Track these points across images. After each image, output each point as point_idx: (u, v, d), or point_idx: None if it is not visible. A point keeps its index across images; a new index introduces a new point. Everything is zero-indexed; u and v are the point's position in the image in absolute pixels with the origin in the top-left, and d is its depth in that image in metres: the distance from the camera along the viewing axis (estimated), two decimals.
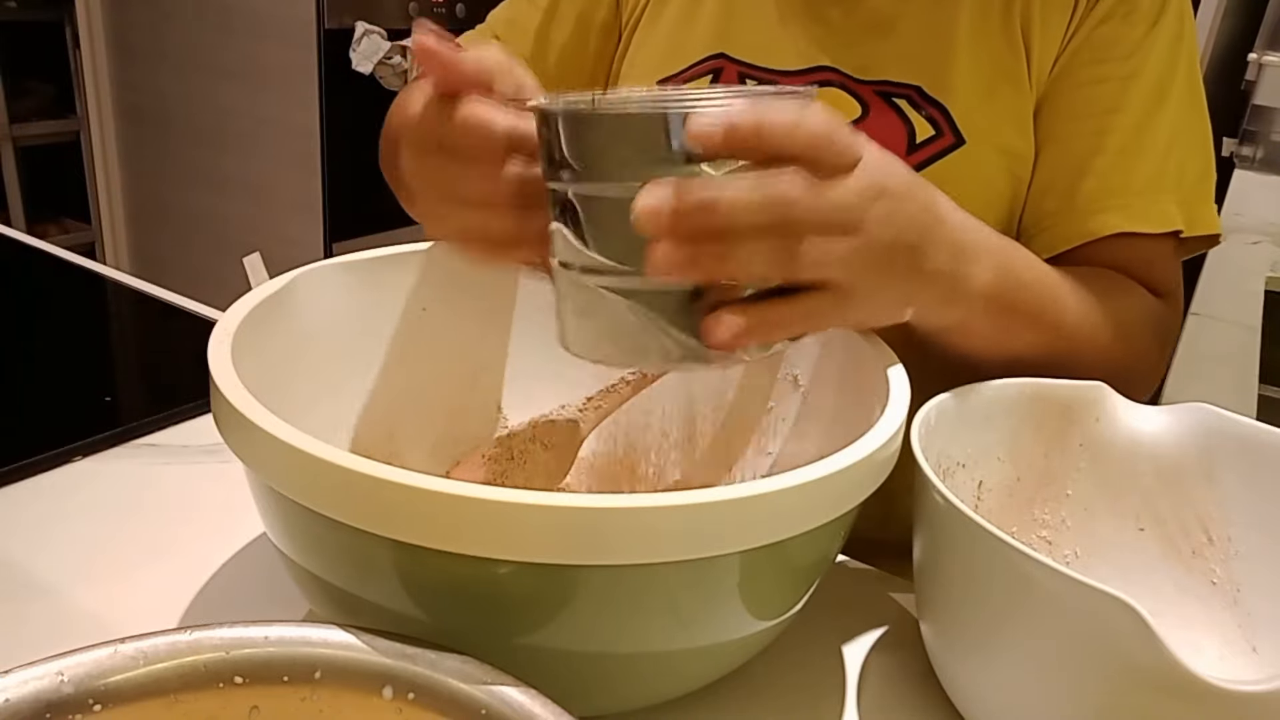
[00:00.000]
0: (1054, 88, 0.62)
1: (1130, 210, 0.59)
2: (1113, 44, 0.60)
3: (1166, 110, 0.60)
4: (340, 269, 0.51)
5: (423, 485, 0.32)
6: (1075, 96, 0.61)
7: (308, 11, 2.08)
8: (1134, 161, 0.60)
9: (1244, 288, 1.60)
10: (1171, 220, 0.59)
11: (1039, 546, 0.51)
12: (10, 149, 2.43)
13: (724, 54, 0.67)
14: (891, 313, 0.44)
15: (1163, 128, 0.60)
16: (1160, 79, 0.60)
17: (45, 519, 0.53)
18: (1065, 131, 0.61)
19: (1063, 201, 0.61)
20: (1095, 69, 0.61)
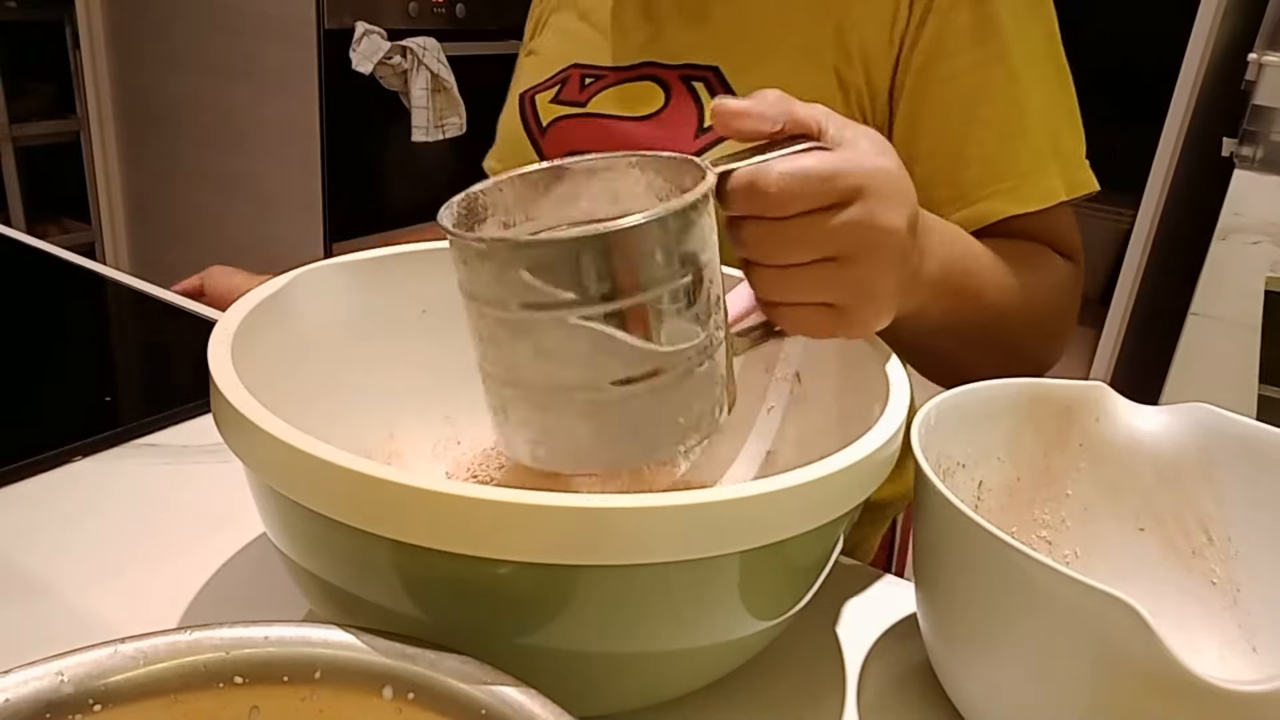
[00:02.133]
0: (918, 83, 0.63)
1: (1016, 193, 0.61)
2: (969, 30, 0.61)
3: (1032, 85, 0.62)
4: (340, 269, 0.51)
5: (423, 485, 0.32)
6: (942, 90, 0.62)
7: (308, 11, 2.08)
8: (1011, 143, 0.62)
9: (1244, 288, 1.60)
10: (1055, 193, 0.62)
11: (1039, 546, 0.51)
12: (10, 149, 2.43)
13: (576, 63, 0.72)
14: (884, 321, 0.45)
15: (1032, 103, 0.62)
16: (1024, 55, 0.62)
17: (45, 519, 0.53)
18: (938, 125, 0.63)
19: (950, 190, 0.62)
20: (956, 58, 0.62)
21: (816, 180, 0.39)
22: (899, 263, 0.42)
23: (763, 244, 0.40)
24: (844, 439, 0.38)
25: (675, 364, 0.38)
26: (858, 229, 0.40)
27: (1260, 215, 1.61)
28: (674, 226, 0.36)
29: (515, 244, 0.36)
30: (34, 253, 0.93)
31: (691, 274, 0.37)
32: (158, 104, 2.48)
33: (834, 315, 0.42)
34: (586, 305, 0.36)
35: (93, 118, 2.55)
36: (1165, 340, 1.72)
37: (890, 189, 0.41)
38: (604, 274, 0.36)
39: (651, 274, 0.36)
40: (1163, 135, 1.79)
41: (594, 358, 0.37)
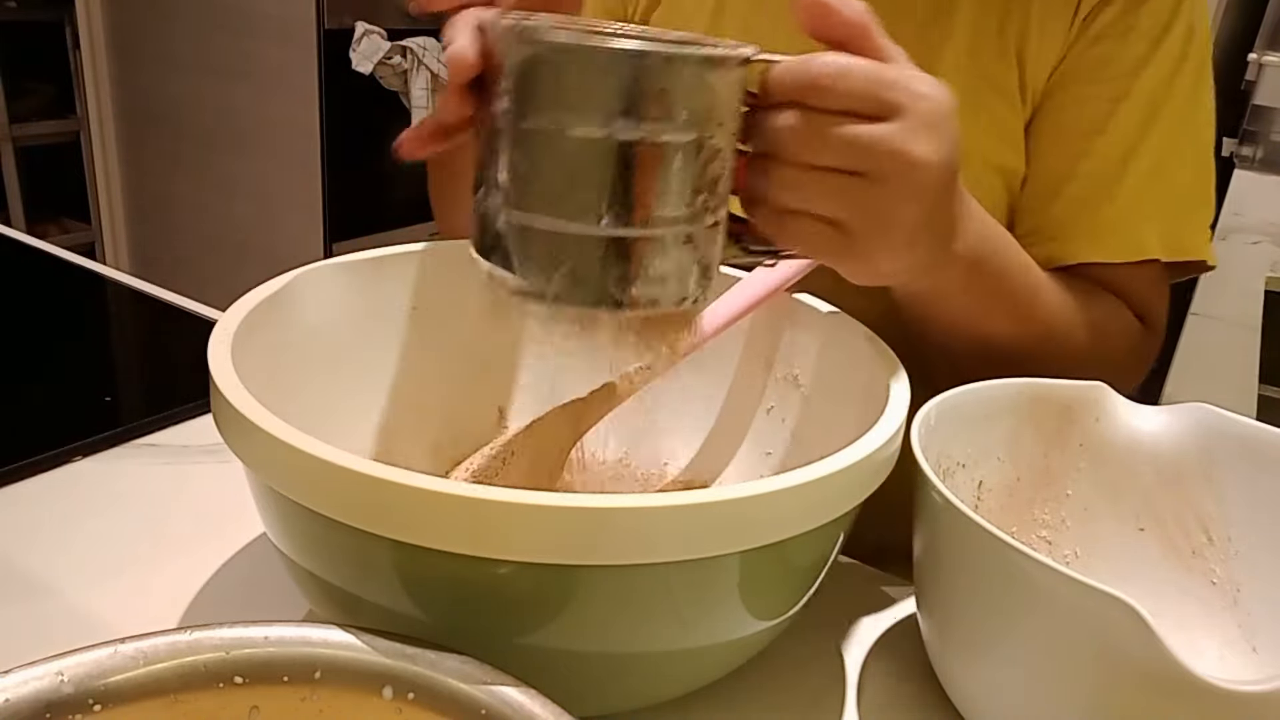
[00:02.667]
0: (1044, 105, 0.60)
1: (1099, 239, 0.58)
2: (1106, 64, 0.59)
3: (1156, 132, 0.58)
4: (340, 269, 0.51)
5: (423, 485, 0.32)
6: (1060, 116, 0.60)
7: (308, 11, 2.08)
8: (1110, 187, 0.58)
9: (1244, 288, 1.60)
10: (1146, 249, 0.58)
11: (1039, 546, 0.51)
12: (10, 149, 2.43)
13: None
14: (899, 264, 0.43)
15: (1149, 151, 0.58)
16: (1154, 99, 0.58)
17: (45, 519, 0.53)
18: (1046, 151, 0.60)
19: (1034, 223, 0.60)
20: (1084, 89, 0.59)
21: (862, 79, 0.38)
22: (924, 200, 0.40)
23: (792, 135, 0.38)
24: (844, 439, 0.38)
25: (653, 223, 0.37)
26: (888, 147, 0.38)
27: (1260, 215, 1.61)
28: (699, 74, 0.36)
29: (556, 43, 0.36)
30: (34, 253, 0.93)
31: (699, 134, 0.36)
32: (158, 104, 2.48)
33: (840, 237, 0.40)
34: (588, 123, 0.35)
35: (93, 118, 2.55)
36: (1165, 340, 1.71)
37: (934, 118, 0.39)
38: (612, 94, 0.35)
39: (662, 112, 0.35)
40: None
41: (575, 180, 0.36)
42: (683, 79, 0.36)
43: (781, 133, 0.39)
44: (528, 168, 0.37)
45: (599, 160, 0.36)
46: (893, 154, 0.38)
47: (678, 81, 0.35)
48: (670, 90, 0.35)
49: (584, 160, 0.36)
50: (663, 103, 0.35)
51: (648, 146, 0.36)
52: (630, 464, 0.58)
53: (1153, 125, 0.58)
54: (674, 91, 0.35)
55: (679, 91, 0.35)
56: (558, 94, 0.36)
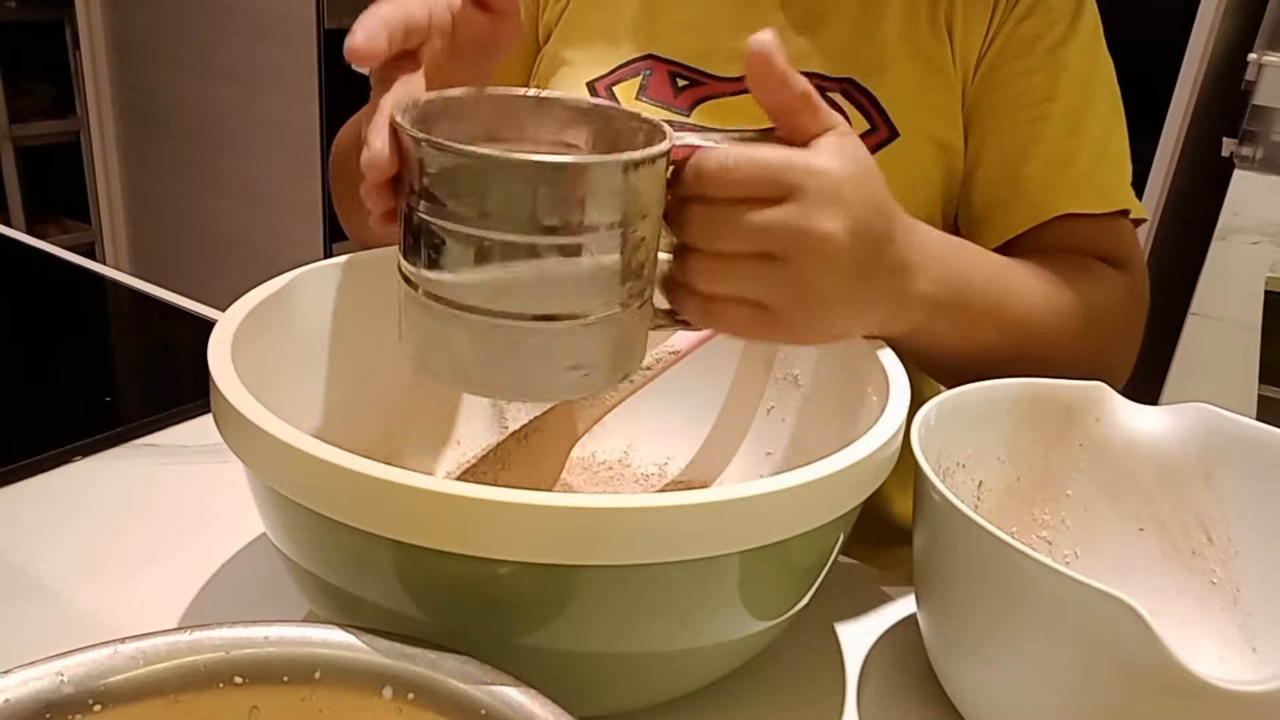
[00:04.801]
0: (985, 84, 0.63)
1: (1075, 192, 0.60)
2: (1036, 38, 0.62)
3: (1095, 102, 0.62)
4: (340, 269, 0.51)
5: (423, 485, 0.32)
6: (1007, 90, 0.62)
7: (307, 11, 2.08)
8: (1073, 145, 0.61)
9: (1244, 288, 1.60)
10: (1115, 200, 0.61)
11: (1039, 546, 0.51)
12: (10, 149, 2.43)
13: (652, 54, 0.67)
14: (835, 328, 0.44)
15: (1094, 117, 0.62)
16: (1086, 74, 0.62)
17: (45, 519, 0.53)
18: (1003, 125, 0.62)
19: (1010, 189, 0.61)
20: (1022, 62, 0.62)
21: (753, 167, 0.39)
22: (837, 270, 0.41)
23: (700, 226, 0.40)
24: (844, 439, 0.38)
25: (580, 311, 0.38)
26: (789, 228, 0.39)
27: (1260, 215, 1.61)
28: (615, 178, 0.36)
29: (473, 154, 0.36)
30: (34, 253, 0.93)
31: (623, 231, 0.37)
32: (158, 104, 2.48)
33: (764, 316, 0.41)
34: (508, 229, 0.36)
35: (93, 118, 2.55)
36: (1165, 340, 1.71)
37: (829, 194, 0.40)
38: (540, 203, 0.35)
39: (585, 217, 0.36)
40: (1163, 135, 1.79)
41: (501, 282, 0.37)
42: (603, 184, 0.36)
43: (690, 225, 0.40)
44: (453, 264, 0.37)
45: (523, 261, 0.36)
46: (793, 233, 0.40)
47: (598, 187, 0.36)
48: (591, 196, 0.36)
49: (507, 260, 0.36)
50: (584, 207, 0.36)
51: (571, 249, 0.36)
52: (630, 464, 0.58)
53: (1093, 92, 0.62)
54: (595, 196, 0.36)
55: (600, 196, 0.36)
56: (478, 202, 0.36)
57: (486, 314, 0.37)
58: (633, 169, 0.36)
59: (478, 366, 0.39)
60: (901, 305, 0.46)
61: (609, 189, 0.36)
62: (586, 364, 0.39)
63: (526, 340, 0.38)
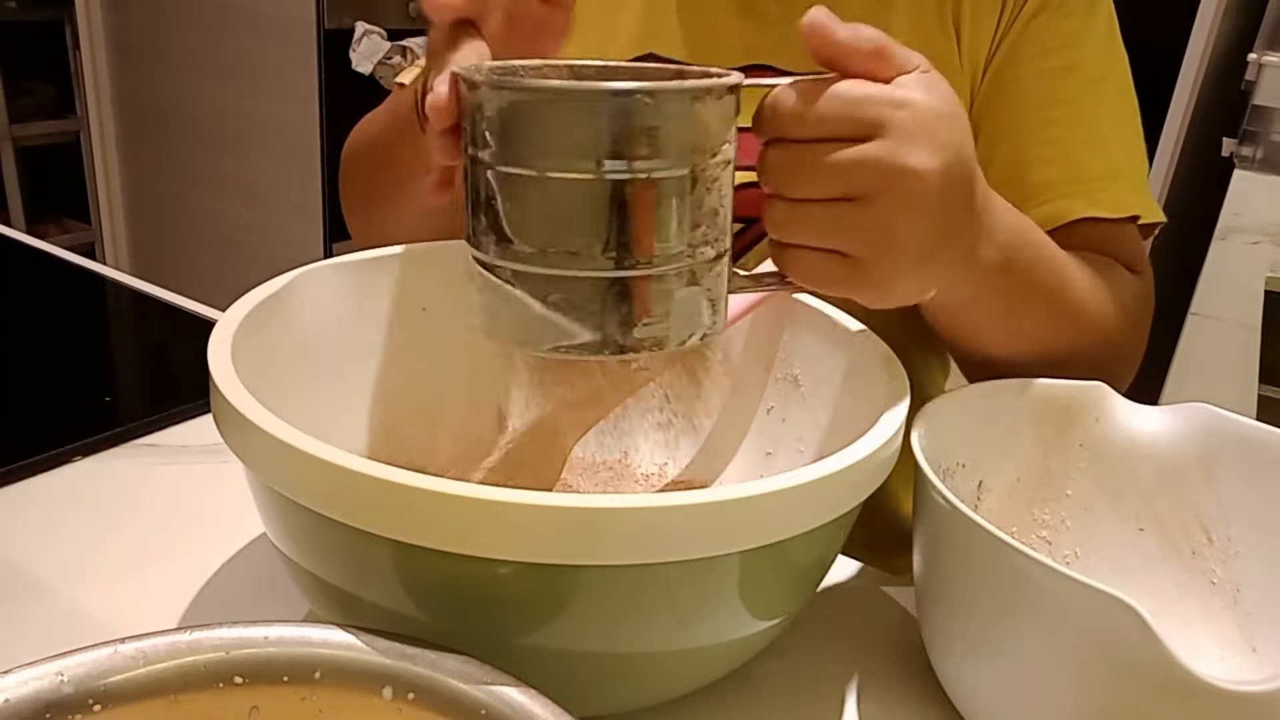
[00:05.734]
0: (995, 83, 0.62)
1: (1090, 197, 0.60)
2: (1049, 35, 0.61)
3: (1107, 102, 0.61)
4: (340, 269, 0.51)
5: (423, 485, 0.32)
6: (1019, 90, 0.61)
7: (308, 11, 2.08)
8: (1086, 151, 0.60)
9: (1244, 288, 1.60)
10: (1129, 205, 0.60)
11: (1039, 546, 0.51)
12: (10, 149, 2.43)
13: (653, 53, 0.67)
14: (916, 284, 0.42)
15: (1106, 119, 0.61)
16: (1099, 71, 0.61)
17: (45, 519, 0.53)
18: (1014, 126, 0.62)
19: (1022, 192, 0.60)
20: (1035, 62, 0.61)
21: (836, 103, 0.37)
22: (926, 211, 0.39)
23: (779, 170, 0.38)
24: (844, 439, 0.38)
25: (645, 258, 0.37)
26: (875, 166, 0.37)
27: (1260, 215, 1.61)
28: (687, 105, 0.35)
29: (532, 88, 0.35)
30: (34, 253, 0.93)
31: (691, 168, 0.36)
32: (158, 104, 2.48)
33: (847, 266, 0.39)
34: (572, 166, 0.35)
35: (93, 118, 2.55)
36: (1165, 340, 1.71)
37: (918, 127, 0.38)
38: (600, 135, 0.34)
39: (651, 149, 0.35)
40: (1163, 135, 1.79)
41: (565, 226, 0.36)
42: (667, 114, 0.35)
43: (769, 169, 0.39)
44: (518, 215, 0.36)
45: (589, 202, 0.35)
46: (881, 172, 0.37)
47: (662, 117, 0.35)
48: (656, 126, 0.35)
49: (573, 203, 0.36)
50: (650, 139, 0.35)
51: (639, 184, 0.35)
52: (630, 464, 0.58)
53: (1104, 93, 0.61)
54: (660, 127, 0.35)
55: (665, 126, 0.35)
56: (542, 139, 0.35)
57: (550, 265, 0.36)
58: (702, 97, 0.35)
59: (543, 323, 0.37)
60: (970, 267, 0.44)
61: (675, 118, 0.35)
62: (654, 315, 0.37)
63: (595, 292, 0.36)
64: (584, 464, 0.58)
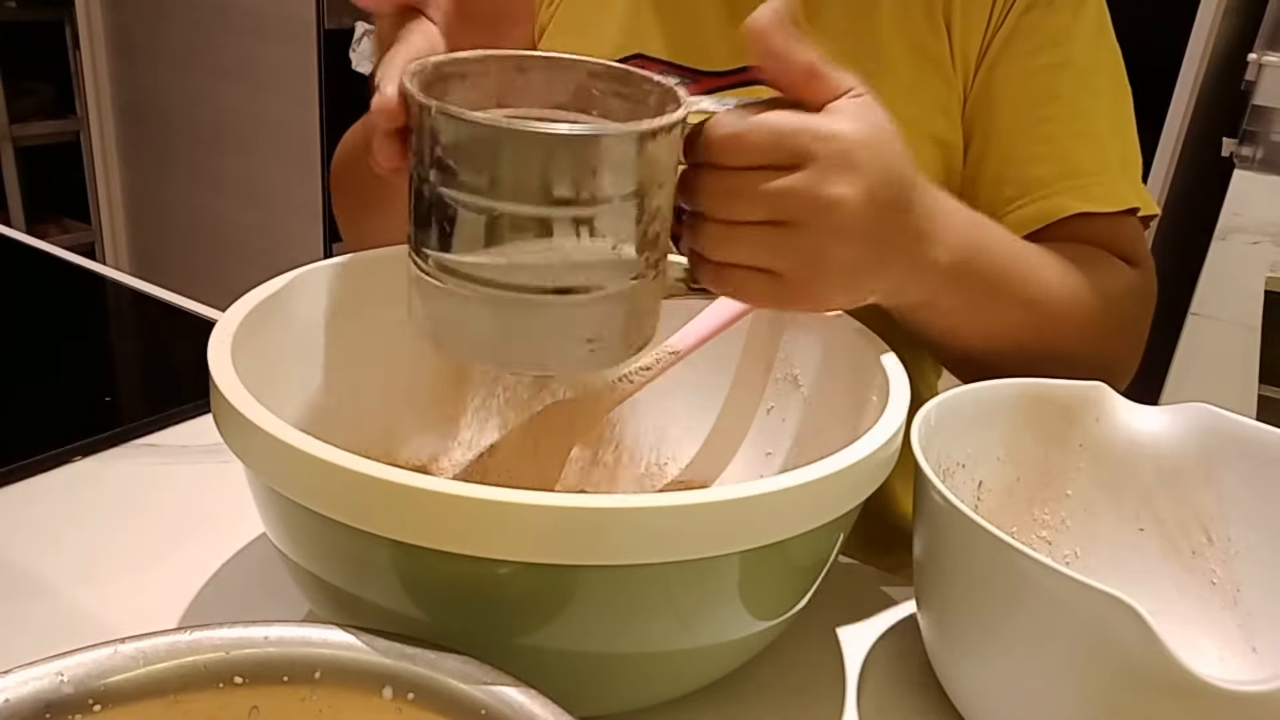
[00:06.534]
0: (987, 81, 0.62)
1: (1086, 191, 0.60)
2: (1040, 32, 0.61)
3: (1100, 97, 0.61)
4: (340, 269, 0.51)
5: (423, 485, 0.32)
6: (1012, 88, 0.62)
7: (308, 11, 2.08)
8: (1079, 145, 0.60)
9: (1244, 288, 1.60)
10: (1124, 198, 0.60)
11: (1039, 546, 0.51)
12: (10, 149, 2.43)
13: (641, 54, 0.67)
14: (848, 296, 0.43)
15: (1099, 114, 0.61)
16: (1090, 66, 0.61)
17: (45, 519, 0.53)
18: (1007, 124, 0.62)
19: (1017, 189, 0.61)
20: (1027, 59, 0.61)
21: (763, 133, 0.38)
22: (852, 237, 0.40)
23: (710, 195, 0.40)
24: (844, 439, 0.38)
25: (595, 284, 0.37)
26: (800, 193, 0.39)
27: (1260, 215, 1.61)
28: (631, 149, 0.35)
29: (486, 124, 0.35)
30: (34, 253, 0.93)
31: (639, 201, 0.37)
32: (158, 104, 2.48)
33: (775, 283, 0.41)
34: (521, 201, 0.35)
35: (93, 118, 2.56)
36: (1165, 340, 1.71)
37: (842, 159, 0.39)
38: (553, 174, 0.35)
39: (598, 188, 0.35)
40: (1163, 135, 1.79)
41: (514, 255, 0.36)
42: (619, 155, 0.35)
43: (702, 193, 0.40)
44: (463, 238, 0.36)
45: (536, 235, 0.36)
46: (805, 201, 0.39)
47: (614, 158, 0.35)
48: (606, 166, 0.35)
49: (521, 235, 0.36)
50: (599, 178, 0.35)
51: (585, 220, 0.36)
52: (630, 464, 0.58)
53: (1096, 89, 0.62)
54: (610, 167, 0.35)
55: (616, 166, 0.35)
56: (490, 172, 0.35)
57: (500, 288, 0.36)
58: (649, 138, 0.36)
59: (490, 340, 0.38)
60: (918, 271, 0.45)
61: (624, 160, 0.35)
62: (601, 337, 0.38)
63: (541, 313, 0.37)
64: (584, 464, 0.58)
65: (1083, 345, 0.55)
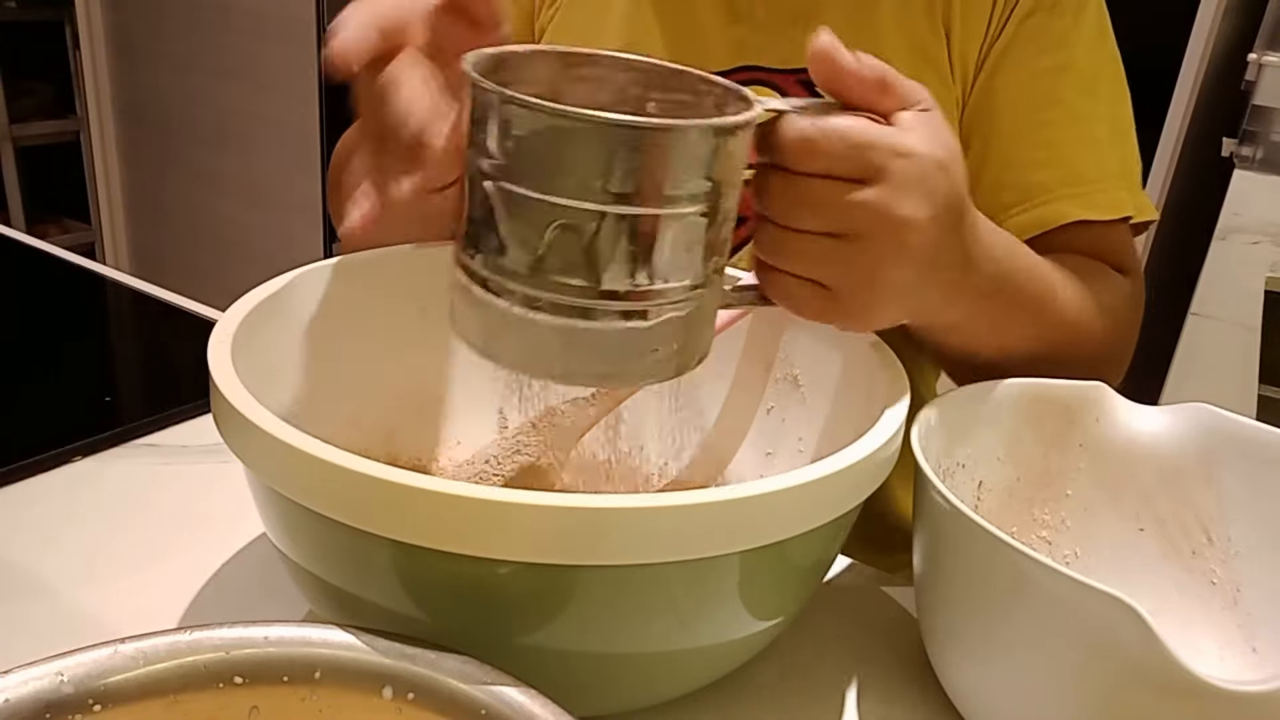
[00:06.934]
0: (987, 86, 0.62)
1: (1085, 199, 0.59)
2: (1042, 35, 0.61)
3: (1100, 102, 0.61)
4: (340, 269, 0.51)
5: (423, 485, 0.32)
6: (1012, 93, 0.61)
7: (308, 11, 2.08)
8: (1079, 152, 0.60)
9: (1244, 288, 1.60)
10: (1122, 207, 0.60)
11: (1039, 546, 0.51)
12: (10, 149, 2.43)
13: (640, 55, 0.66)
14: (894, 316, 0.43)
15: (1099, 119, 0.61)
16: (1091, 70, 0.61)
17: (45, 519, 0.53)
18: (1008, 127, 0.62)
19: (1016, 194, 0.61)
20: (1028, 64, 0.61)
21: (839, 143, 0.37)
22: (911, 260, 0.40)
23: (775, 198, 0.39)
24: (844, 439, 0.38)
25: (664, 294, 0.35)
26: (870, 209, 0.38)
27: (1260, 215, 1.61)
28: (709, 145, 0.34)
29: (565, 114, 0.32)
30: (34, 253, 0.93)
31: (709, 203, 0.35)
32: (158, 104, 2.48)
33: (826, 297, 0.40)
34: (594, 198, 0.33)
35: (93, 118, 2.56)
36: (1165, 340, 1.71)
37: (916, 177, 0.38)
38: (626, 170, 0.32)
39: (674, 187, 0.33)
40: (1162, 135, 1.79)
41: (584, 257, 0.34)
42: (697, 150, 0.34)
43: (767, 195, 0.39)
44: (526, 239, 0.34)
45: (607, 234, 0.34)
46: (874, 217, 0.38)
47: (692, 153, 0.34)
48: (684, 162, 0.33)
49: (590, 234, 0.34)
50: (673, 174, 0.33)
51: (658, 219, 0.34)
52: (630, 464, 0.58)
53: (1097, 93, 0.61)
54: (687, 163, 0.34)
55: (692, 163, 0.34)
56: (560, 166, 0.33)
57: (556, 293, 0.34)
58: (728, 135, 0.34)
59: (548, 355, 0.36)
60: (957, 294, 0.45)
61: (702, 155, 0.34)
62: (664, 348, 0.37)
63: (605, 326, 0.35)
64: (584, 464, 0.58)
65: (1086, 356, 0.55)
